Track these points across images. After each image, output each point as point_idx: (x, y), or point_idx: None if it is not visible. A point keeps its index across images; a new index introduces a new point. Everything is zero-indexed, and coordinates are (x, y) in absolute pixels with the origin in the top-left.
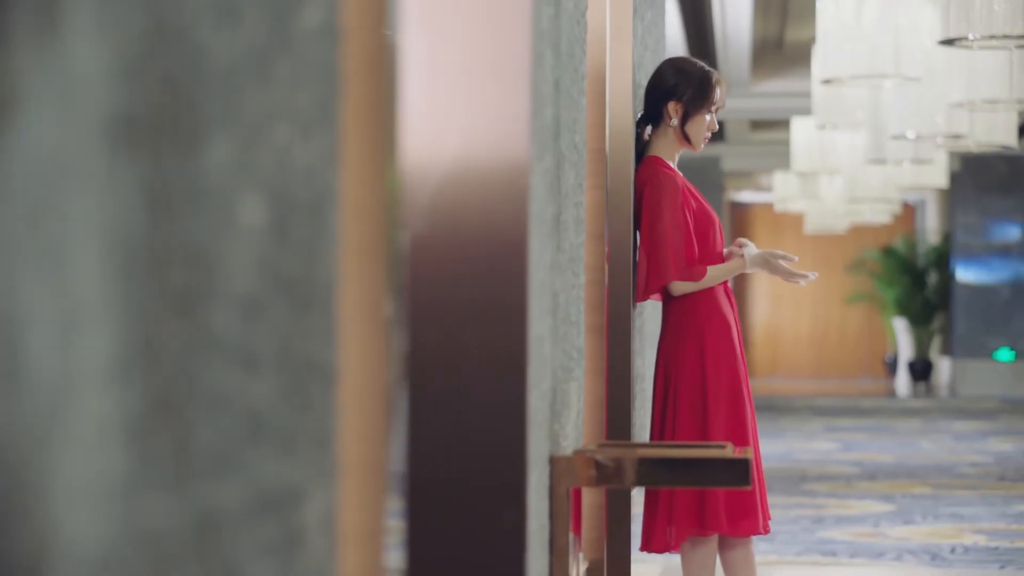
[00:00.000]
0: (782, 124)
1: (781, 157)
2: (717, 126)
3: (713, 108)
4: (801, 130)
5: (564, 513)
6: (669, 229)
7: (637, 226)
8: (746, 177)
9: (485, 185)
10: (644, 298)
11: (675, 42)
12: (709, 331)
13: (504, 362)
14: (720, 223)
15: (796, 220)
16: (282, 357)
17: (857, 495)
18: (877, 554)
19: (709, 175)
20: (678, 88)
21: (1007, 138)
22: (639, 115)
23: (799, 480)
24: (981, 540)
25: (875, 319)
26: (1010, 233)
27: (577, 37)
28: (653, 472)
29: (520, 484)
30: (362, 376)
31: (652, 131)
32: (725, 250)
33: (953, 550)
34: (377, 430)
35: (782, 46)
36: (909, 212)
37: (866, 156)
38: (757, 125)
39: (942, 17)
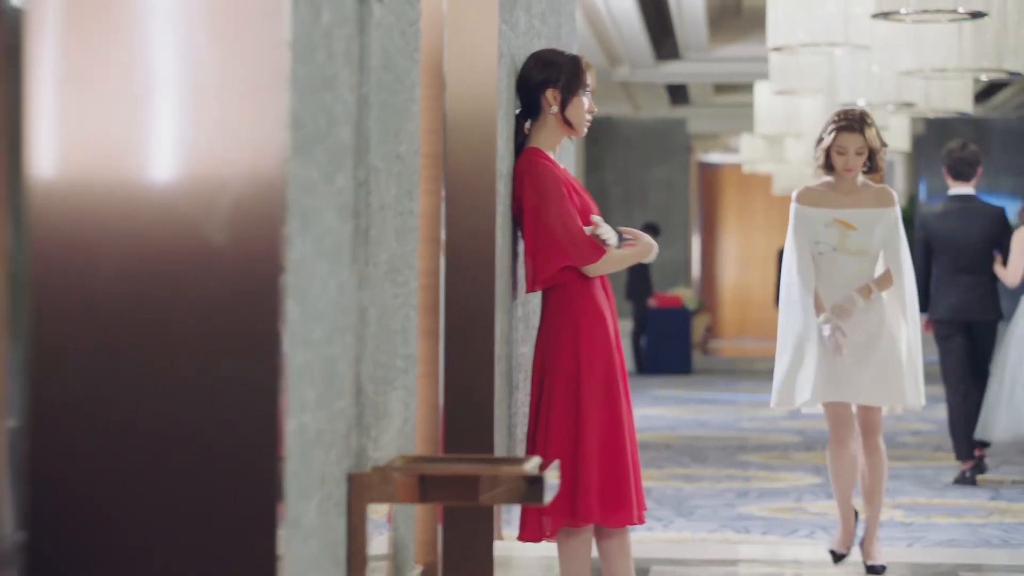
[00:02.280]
0: (746, 87)
1: (747, 119)
2: (595, 108)
3: (588, 90)
4: (763, 94)
5: (362, 529)
6: (556, 215)
7: (518, 219)
8: (712, 139)
9: (239, 214)
10: (536, 288)
11: (628, 10)
12: (584, 323)
13: (253, 394)
14: (598, 213)
15: (765, 181)
16: None
17: (789, 467)
18: (791, 531)
19: (675, 137)
20: (551, 76)
21: (963, 104)
22: (518, 110)
23: (737, 450)
24: (897, 515)
25: None
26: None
27: (402, 48)
28: (448, 489)
29: (270, 515)
30: None
31: (531, 123)
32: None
33: None
34: None
35: (740, 11)
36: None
37: (821, 122)
38: (721, 88)
39: None
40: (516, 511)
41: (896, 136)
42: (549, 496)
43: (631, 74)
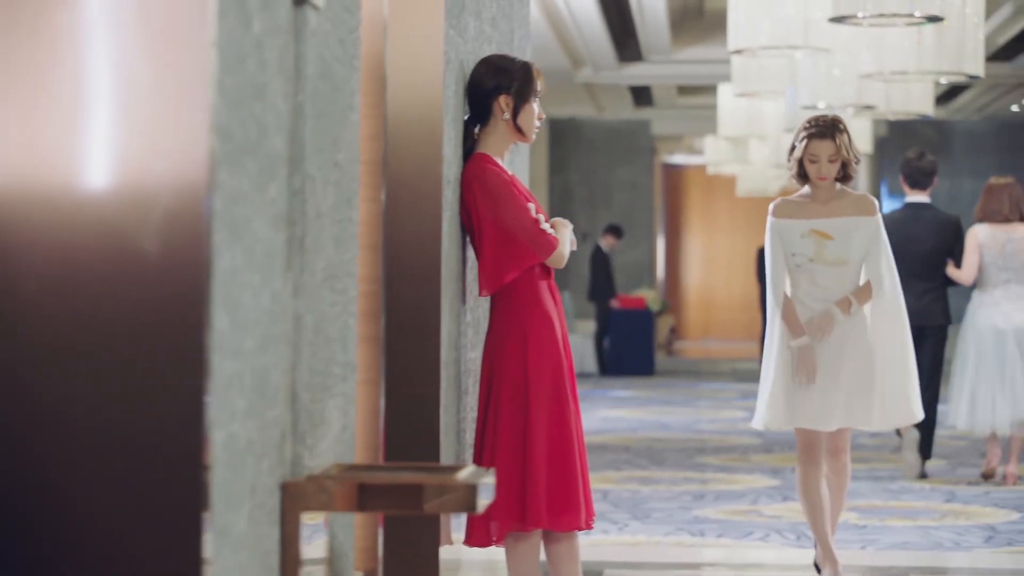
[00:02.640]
0: (709, 89)
1: (710, 121)
2: (544, 115)
3: (538, 97)
4: (726, 96)
5: (295, 538)
6: (512, 217)
7: (467, 225)
8: (676, 140)
9: (169, 224)
10: (495, 289)
11: (590, 12)
12: (532, 327)
13: (179, 404)
14: (547, 217)
15: (729, 182)
16: None
17: (747, 469)
18: (745, 533)
19: (639, 139)
20: (503, 83)
21: (924, 106)
22: (467, 116)
23: (696, 452)
24: (852, 518)
25: None
26: (937, 197)
27: (340, 56)
28: (386, 497)
29: (195, 524)
30: None
31: (480, 129)
32: None
33: None
34: None
35: (703, 14)
36: None
37: (783, 125)
38: (684, 90)
39: None
40: (464, 516)
41: (858, 138)
42: (485, 504)
43: (594, 76)
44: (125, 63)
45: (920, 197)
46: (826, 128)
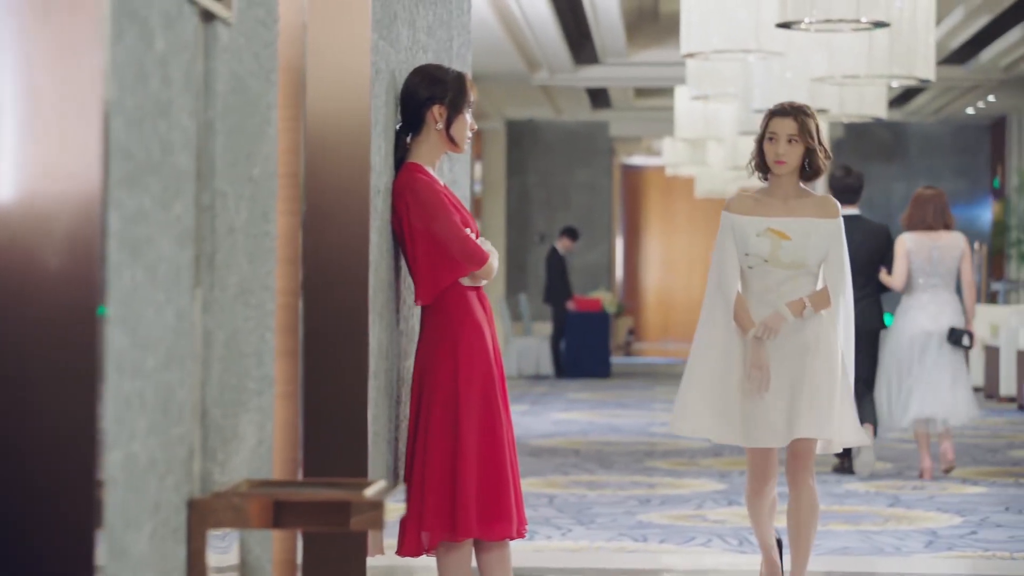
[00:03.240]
0: (667, 91)
1: (668, 123)
2: (476, 126)
3: (471, 108)
4: (683, 99)
5: (202, 556)
6: (444, 227)
7: (399, 235)
8: (635, 142)
9: (69, 244)
10: (430, 299)
11: (544, 15)
12: (463, 337)
13: (73, 424)
14: (477, 230)
15: (687, 184)
16: None
17: (695, 473)
18: (687, 539)
19: (597, 141)
20: (437, 93)
21: (877, 109)
22: (399, 125)
23: (645, 456)
24: None
25: None
26: (892, 199)
27: (255, 70)
28: (291, 514)
29: (88, 545)
30: None
31: (413, 138)
32: None
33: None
34: None
35: (658, 17)
36: None
37: (737, 128)
38: (641, 92)
39: (779, 2)
40: (395, 525)
41: None
42: (395, 519)
43: (550, 78)
44: (28, 82)
45: (851, 210)
46: (789, 108)
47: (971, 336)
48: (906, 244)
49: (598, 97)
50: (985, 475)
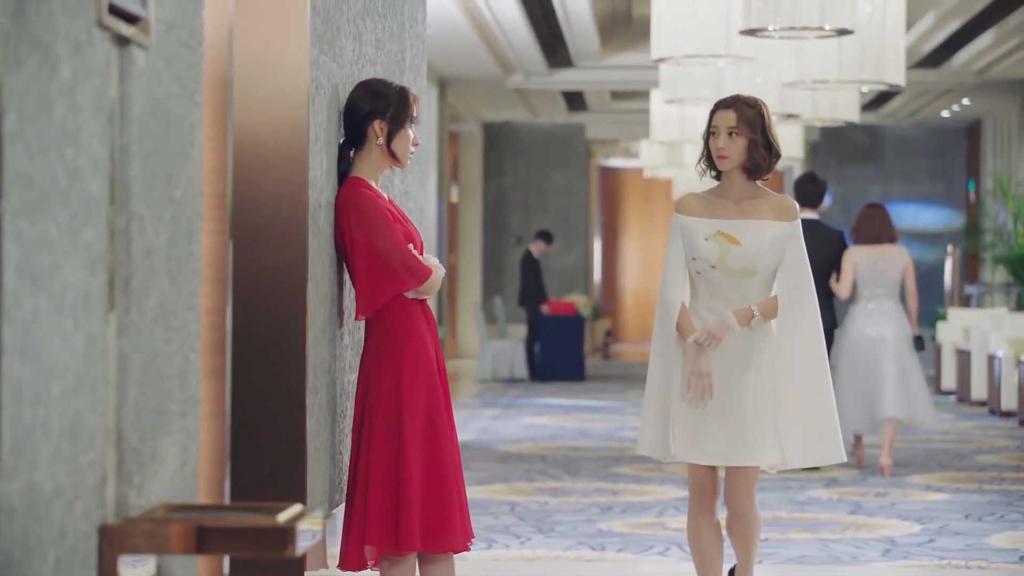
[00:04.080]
0: (643, 94)
1: (645, 125)
2: (419, 141)
3: (414, 122)
4: (659, 102)
5: None
6: (386, 242)
7: (343, 249)
8: (613, 144)
9: None
10: (369, 314)
11: (516, 20)
12: (407, 352)
13: None
14: (422, 242)
15: (666, 185)
16: None
17: (659, 479)
18: (646, 547)
19: (573, 143)
20: (378, 108)
21: (849, 114)
22: (342, 139)
23: (612, 462)
24: None
25: None
26: (868, 199)
27: (176, 93)
28: (210, 540)
29: None
30: None
31: (356, 152)
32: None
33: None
34: None
35: (631, 21)
36: (778, 178)
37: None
38: (618, 95)
39: (744, 9)
40: (339, 539)
41: (788, 144)
42: (308, 546)
43: (525, 81)
44: None
45: (810, 215)
46: (731, 100)
47: (922, 340)
48: (853, 257)
49: (574, 100)
50: (949, 481)
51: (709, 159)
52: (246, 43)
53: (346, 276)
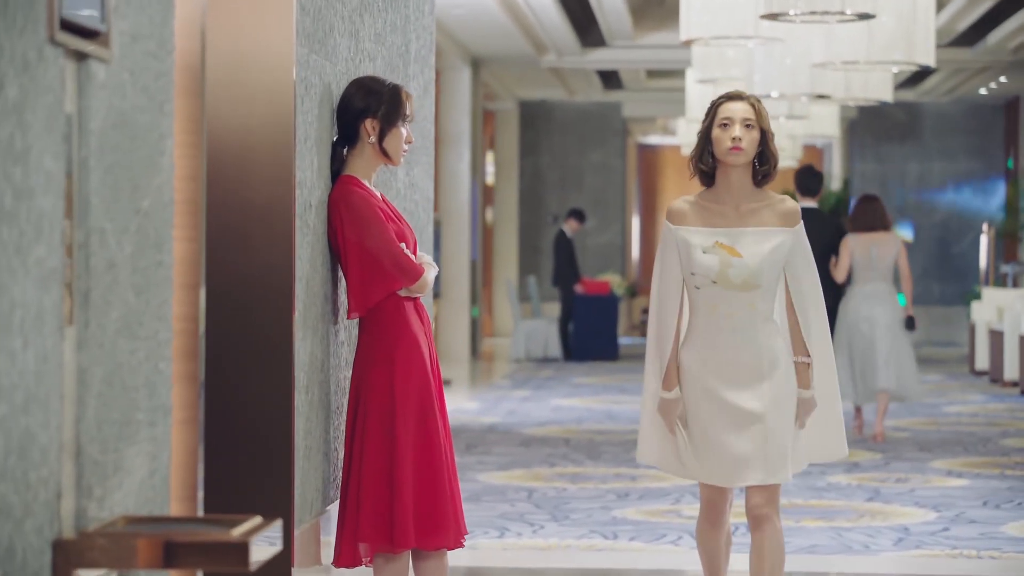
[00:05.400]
0: (679, 73)
1: (681, 103)
2: (413, 139)
3: (407, 121)
4: (694, 80)
5: None
6: (378, 241)
7: (336, 247)
8: (650, 122)
9: None
10: (361, 313)
11: (545, 1)
12: (399, 348)
13: None
14: (415, 240)
15: None
16: None
17: None
18: (659, 536)
19: (610, 121)
20: (371, 106)
21: (882, 93)
22: (336, 137)
23: (634, 446)
24: None
25: None
26: (907, 179)
27: (143, 104)
28: (165, 553)
29: None
30: None
31: (349, 151)
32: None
33: (736, 529)
34: None
35: (664, 0)
36: (816, 154)
37: None
38: (653, 73)
39: None
40: (332, 536)
41: (825, 122)
42: (260, 561)
43: (558, 61)
44: None
45: (810, 203)
46: (738, 94)
47: (913, 320)
48: (849, 244)
49: (610, 78)
50: (971, 466)
51: (704, 168)
52: (222, 48)
53: (340, 274)
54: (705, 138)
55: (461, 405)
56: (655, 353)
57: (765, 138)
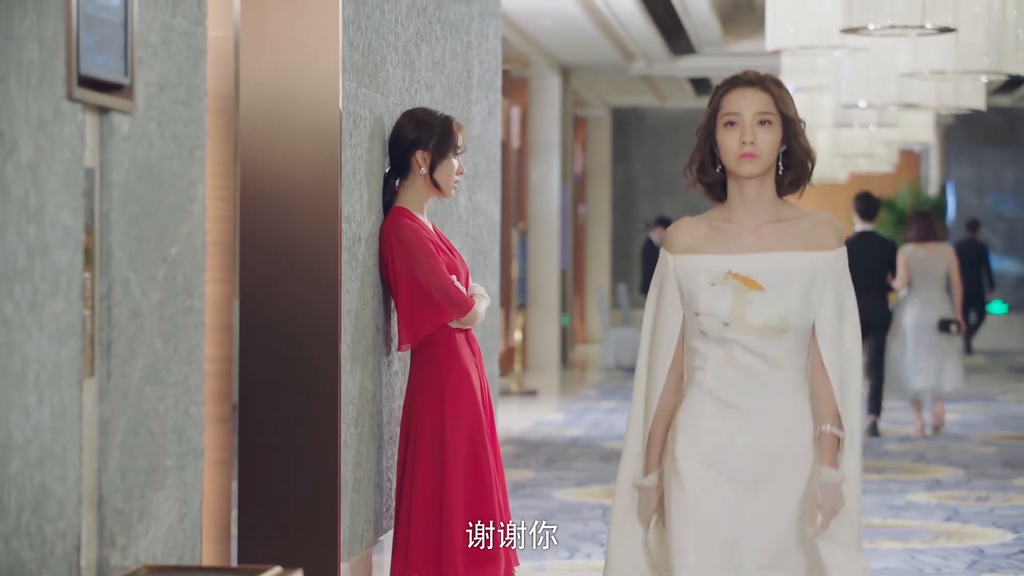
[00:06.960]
0: None
1: None
2: (464, 170)
3: (458, 152)
4: None
5: None
6: (427, 274)
7: (388, 279)
8: None
9: None
10: (411, 345)
11: (631, 11)
12: (450, 380)
13: None
14: (467, 272)
15: None
16: None
17: None
18: None
19: None
20: (422, 138)
21: (974, 101)
22: (387, 169)
23: None
24: None
25: None
26: (1003, 185)
27: (171, 152)
28: None
29: None
30: None
31: (400, 182)
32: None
33: None
34: None
35: (753, 8)
36: (913, 159)
37: (832, 120)
38: None
39: (844, 7)
40: (386, 569)
41: (919, 129)
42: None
43: (648, 68)
44: None
45: (867, 226)
46: (750, 76)
47: (958, 324)
48: (905, 254)
49: (701, 85)
50: None
51: (712, 169)
52: (259, 89)
53: (392, 305)
54: (706, 139)
55: (545, 417)
56: (639, 426)
57: (792, 131)
